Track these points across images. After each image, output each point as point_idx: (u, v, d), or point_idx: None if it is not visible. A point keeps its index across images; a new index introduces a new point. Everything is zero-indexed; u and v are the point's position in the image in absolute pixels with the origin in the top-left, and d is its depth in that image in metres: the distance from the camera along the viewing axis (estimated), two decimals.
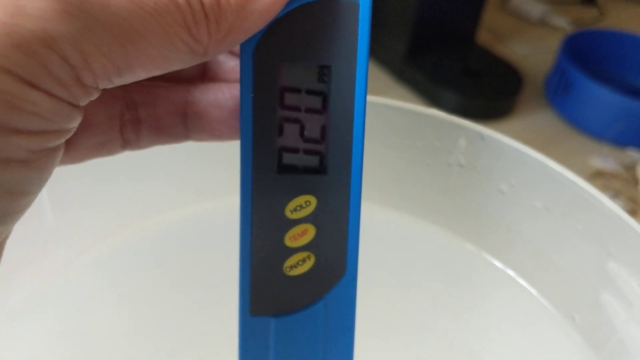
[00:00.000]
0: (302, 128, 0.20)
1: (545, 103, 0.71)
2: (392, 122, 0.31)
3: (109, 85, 0.16)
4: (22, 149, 0.15)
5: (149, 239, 0.37)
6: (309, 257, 0.21)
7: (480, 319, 0.33)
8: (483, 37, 0.78)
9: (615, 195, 0.59)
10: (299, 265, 0.21)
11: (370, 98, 0.24)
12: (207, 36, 0.17)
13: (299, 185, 0.20)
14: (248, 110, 0.19)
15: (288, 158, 0.20)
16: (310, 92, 0.20)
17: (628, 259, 0.26)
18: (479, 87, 0.68)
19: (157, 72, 0.17)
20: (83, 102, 0.16)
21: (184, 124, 0.22)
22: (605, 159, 0.64)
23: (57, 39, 0.14)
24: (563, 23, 0.86)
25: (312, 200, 0.20)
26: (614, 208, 0.26)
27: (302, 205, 0.20)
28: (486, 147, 0.30)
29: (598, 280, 0.27)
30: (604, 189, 0.60)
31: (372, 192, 0.22)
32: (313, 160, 0.20)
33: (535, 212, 0.30)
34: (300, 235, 0.20)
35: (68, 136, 0.16)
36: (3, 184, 0.15)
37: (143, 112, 0.22)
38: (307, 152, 0.20)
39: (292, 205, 0.20)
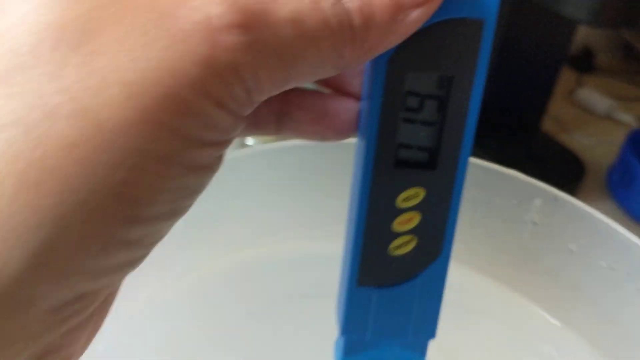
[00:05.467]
0: (420, 128, 0.23)
1: (606, 194, 0.72)
2: (473, 178, 0.34)
3: (267, 97, 0.19)
4: (209, 157, 0.18)
5: (224, 277, 0.40)
6: (412, 240, 0.24)
7: None
8: (548, 125, 0.81)
9: None
10: (402, 246, 0.24)
11: None
12: (351, 53, 0.19)
13: (412, 178, 0.23)
14: (376, 111, 0.22)
15: (404, 154, 0.23)
16: (430, 97, 0.22)
17: None
18: (541, 173, 0.70)
19: (303, 82, 0.19)
20: (247, 114, 0.19)
21: (278, 122, 0.24)
22: None
23: (240, 68, 0.17)
24: (628, 119, 0.87)
25: (421, 192, 0.23)
26: None
27: (412, 195, 0.23)
28: (559, 208, 0.32)
29: None
30: None
31: None
32: (426, 157, 0.23)
33: (600, 271, 0.32)
34: (407, 222, 0.23)
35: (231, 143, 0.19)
36: (192, 186, 0.18)
37: None
38: (421, 149, 0.23)
39: (404, 195, 0.23)
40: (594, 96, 0.90)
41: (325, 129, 0.24)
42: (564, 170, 0.71)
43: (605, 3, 0.56)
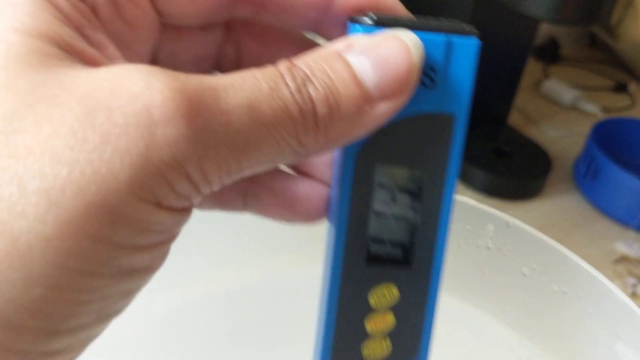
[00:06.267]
0: (392, 222, 0.22)
1: (573, 186, 0.73)
2: None
3: (219, 188, 0.17)
4: (146, 260, 0.16)
5: (205, 300, 0.39)
6: (386, 343, 0.22)
7: None
8: (515, 118, 0.81)
9: (638, 281, 0.61)
10: (377, 350, 0.22)
11: None
12: (314, 142, 0.18)
13: (384, 276, 0.22)
14: (345, 204, 0.21)
15: (376, 248, 0.22)
16: (402, 190, 0.21)
17: (634, 342, 0.28)
18: (508, 168, 0.71)
19: (259, 171, 0.18)
20: (195, 204, 0.17)
21: (244, 201, 0.23)
22: (631, 245, 0.65)
23: (182, 163, 0.15)
24: (594, 109, 0.88)
25: (394, 291, 0.22)
26: (621, 296, 0.29)
27: (385, 294, 0.22)
28: (511, 234, 0.33)
29: (607, 359, 0.30)
30: (627, 274, 0.62)
31: None
32: (399, 253, 0.22)
33: (552, 294, 0.33)
34: (380, 322, 0.22)
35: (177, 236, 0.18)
36: (124, 290, 0.16)
37: None
38: (394, 244, 0.22)
39: (375, 292, 0.22)
40: (560, 87, 0.91)
41: (293, 213, 0.23)
42: (530, 164, 0.72)
43: (566, 1, 0.56)
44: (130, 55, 0.19)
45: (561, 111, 0.89)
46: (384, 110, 0.18)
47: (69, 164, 0.14)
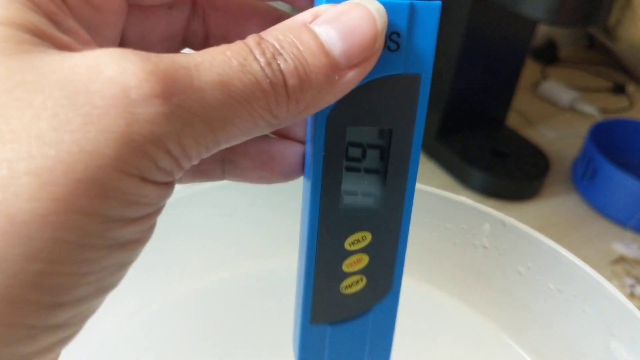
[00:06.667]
0: (363, 176, 0.23)
1: (571, 187, 0.73)
2: (426, 205, 0.35)
3: (198, 161, 0.18)
4: (136, 232, 0.17)
5: (193, 300, 0.40)
6: (362, 279, 0.24)
7: None
8: (513, 119, 0.82)
9: (636, 281, 0.61)
10: (353, 286, 0.24)
11: None
12: (286, 112, 0.19)
13: (358, 223, 0.23)
14: (319, 163, 0.22)
15: (349, 200, 0.23)
16: (372, 146, 0.23)
17: (629, 340, 0.28)
18: (506, 169, 0.71)
19: (235, 143, 0.19)
20: (177, 178, 0.18)
21: (222, 168, 0.24)
22: (628, 245, 0.66)
23: (162, 138, 0.16)
24: (592, 110, 0.89)
25: (368, 236, 0.24)
26: (617, 294, 0.29)
27: (359, 239, 0.24)
28: (507, 233, 0.33)
29: (602, 357, 0.30)
30: (625, 274, 0.62)
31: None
32: (370, 202, 0.23)
33: (548, 293, 0.33)
34: (356, 263, 0.24)
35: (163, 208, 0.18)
36: (119, 262, 0.17)
37: None
38: (366, 195, 0.23)
39: (351, 239, 0.24)
40: (558, 88, 0.91)
41: (272, 173, 0.24)
42: (529, 165, 0.72)
43: (563, 2, 0.57)
44: (100, 40, 0.20)
45: (559, 112, 0.89)
46: (351, 77, 0.19)
47: (55, 144, 0.15)
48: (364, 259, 0.24)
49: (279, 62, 0.18)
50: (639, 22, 0.90)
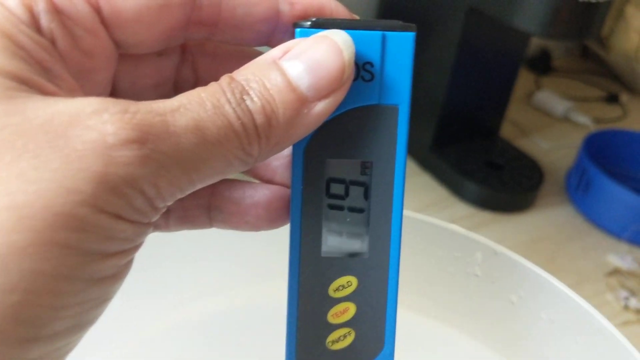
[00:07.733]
0: (346, 215, 0.22)
1: (565, 198, 0.73)
2: (418, 232, 0.35)
3: (173, 202, 0.19)
4: (114, 267, 0.18)
5: (194, 325, 0.39)
6: (349, 333, 0.23)
7: None
8: (507, 130, 0.82)
9: (631, 294, 0.61)
10: (340, 341, 0.23)
11: None
12: (258, 150, 0.19)
13: (342, 267, 0.23)
14: (298, 200, 0.22)
15: (332, 241, 0.23)
16: (353, 182, 0.22)
17: None
18: (501, 181, 0.71)
19: (211, 182, 0.19)
20: (154, 220, 0.18)
21: (208, 215, 0.24)
22: (623, 257, 0.66)
23: (137, 180, 0.17)
24: (586, 120, 0.89)
25: (354, 281, 0.23)
26: (609, 326, 0.29)
27: (344, 285, 0.23)
28: (499, 261, 0.33)
29: None
30: (620, 286, 0.62)
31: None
32: (355, 244, 0.23)
33: (540, 322, 0.33)
34: (342, 313, 0.23)
35: (141, 246, 0.19)
36: (96, 297, 0.17)
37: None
38: (350, 236, 0.23)
39: (335, 284, 0.23)
40: (552, 98, 0.91)
41: (256, 218, 0.24)
42: (523, 177, 0.72)
43: (556, 15, 0.57)
44: (91, 85, 0.21)
45: (553, 122, 0.89)
46: (322, 109, 0.20)
47: (36, 181, 0.16)
48: (351, 309, 0.23)
49: (246, 101, 0.18)
50: (632, 32, 0.91)
